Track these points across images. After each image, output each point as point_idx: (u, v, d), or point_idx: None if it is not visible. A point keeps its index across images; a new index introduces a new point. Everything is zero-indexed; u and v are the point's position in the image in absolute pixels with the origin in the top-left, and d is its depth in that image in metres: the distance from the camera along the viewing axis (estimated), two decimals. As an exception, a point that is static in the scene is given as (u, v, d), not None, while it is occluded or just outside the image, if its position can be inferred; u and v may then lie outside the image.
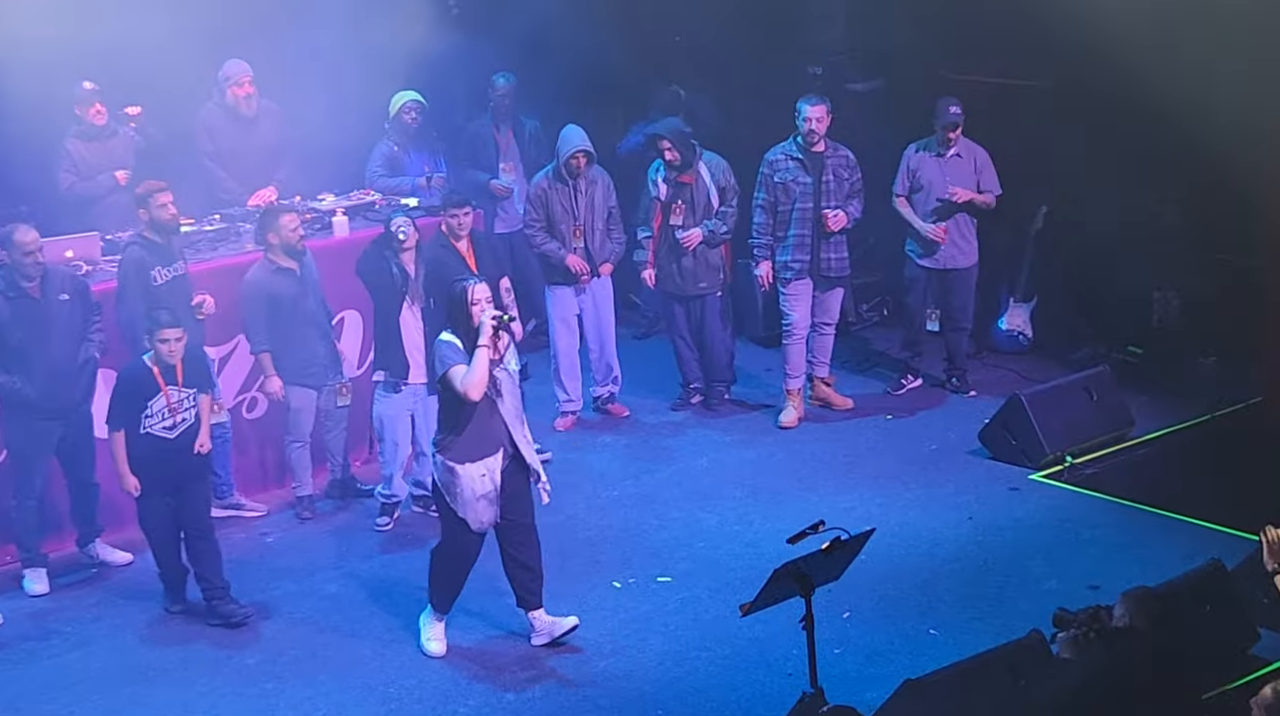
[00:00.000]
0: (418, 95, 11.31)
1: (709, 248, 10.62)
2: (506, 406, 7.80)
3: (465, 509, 7.80)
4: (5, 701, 7.85)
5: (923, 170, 10.79)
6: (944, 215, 10.74)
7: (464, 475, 7.76)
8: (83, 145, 10.50)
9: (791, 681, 7.46)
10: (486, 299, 7.77)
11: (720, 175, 10.58)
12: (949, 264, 10.86)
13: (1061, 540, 9.03)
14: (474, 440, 7.76)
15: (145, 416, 8.25)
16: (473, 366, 7.64)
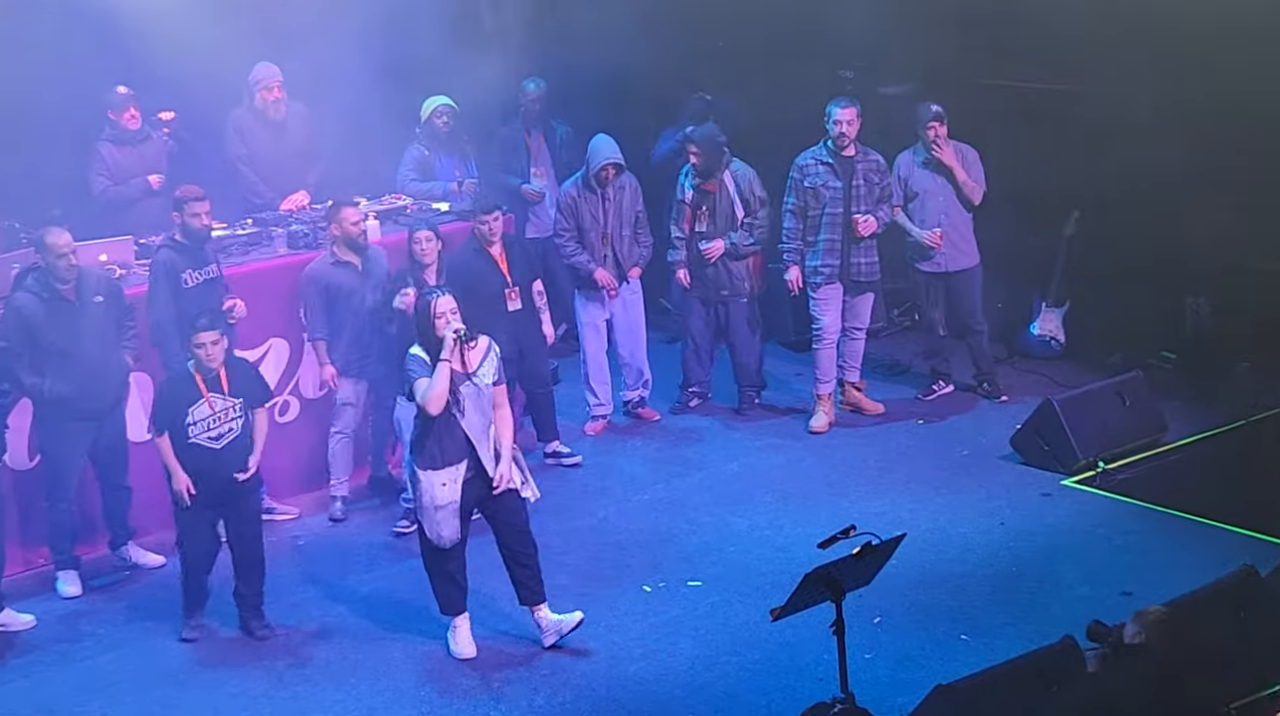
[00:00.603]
0: (449, 100, 11.34)
1: (732, 259, 10.60)
2: (469, 420, 7.81)
3: (423, 516, 7.87)
4: (38, 703, 7.89)
5: (913, 178, 10.78)
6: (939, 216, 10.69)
7: (425, 482, 7.81)
8: (116, 149, 10.57)
9: (822, 686, 7.43)
10: (451, 311, 7.78)
11: (745, 186, 10.55)
12: (950, 266, 10.84)
13: (1094, 546, 8.99)
14: (437, 448, 7.80)
15: (189, 425, 8.16)
16: (433, 380, 7.70)
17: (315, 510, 9.81)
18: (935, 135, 10.64)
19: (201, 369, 8.20)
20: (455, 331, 7.70)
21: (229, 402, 8.26)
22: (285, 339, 9.87)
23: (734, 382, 11.02)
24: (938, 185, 10.73)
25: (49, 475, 8.82)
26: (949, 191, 10.72)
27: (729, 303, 10.74)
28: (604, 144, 10.44)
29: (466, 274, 9.78)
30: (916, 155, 10.79)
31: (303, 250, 9.95)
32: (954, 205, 10.75)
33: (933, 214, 10.75)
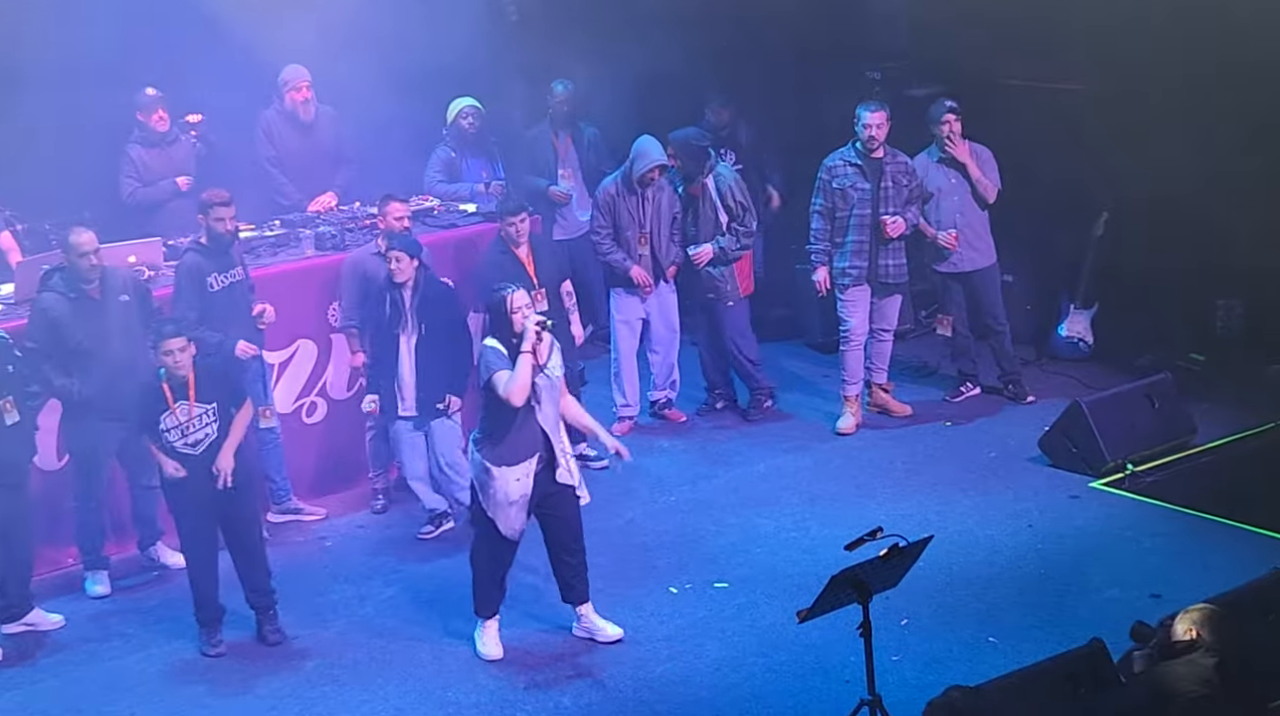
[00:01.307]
0: (475, 101, 11.36)
1: (719, 265, 10.58)
2: (544, 412, 7.84)
3: (496, 511, 7.85)
4: (67, 702, 7.93)
5: (929, 178, 10.75)
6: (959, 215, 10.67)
7: (499, 477, 7.81)
8: (145, 151, 10.62)
9: (849, 688, 7.43)
10: (526, 305, 7.81)
11: (727, 192, 10.52)
12: (967, 266, 10.82)
13: (1122, 548, 8.95)
14: (512, 443, 7.81)
15: (163, 432, 8.09)
16: (515, 372, 7.70)
17: (343, 511, 9.83)
18: (949, 131, 10.62)
19: (170, 377, 8.08)
20: (538, 322, 7.71)
21: (199, 409, 8.12)
22: (313, 340, 9.90)
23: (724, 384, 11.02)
24: (952, 184, 10.71)
25: (77, 475, 8.86)
26: (964, 190, 10.70)
27: (714, 306, 10.73)
28: (651, 146, 10.41)
29: (493, 275, 9.78)
30: (931, 154, 10.76)
31: (330, 252, 9.98)
32: (969, 204, 10.73)
33: (948, 213, 10.73)
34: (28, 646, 8.42)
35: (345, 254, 9.85)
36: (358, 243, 10.03)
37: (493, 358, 7.80)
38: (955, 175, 10.72)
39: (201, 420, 8.14)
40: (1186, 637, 6.06)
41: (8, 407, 8.19)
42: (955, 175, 10.72)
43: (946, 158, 10.70)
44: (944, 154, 10.70)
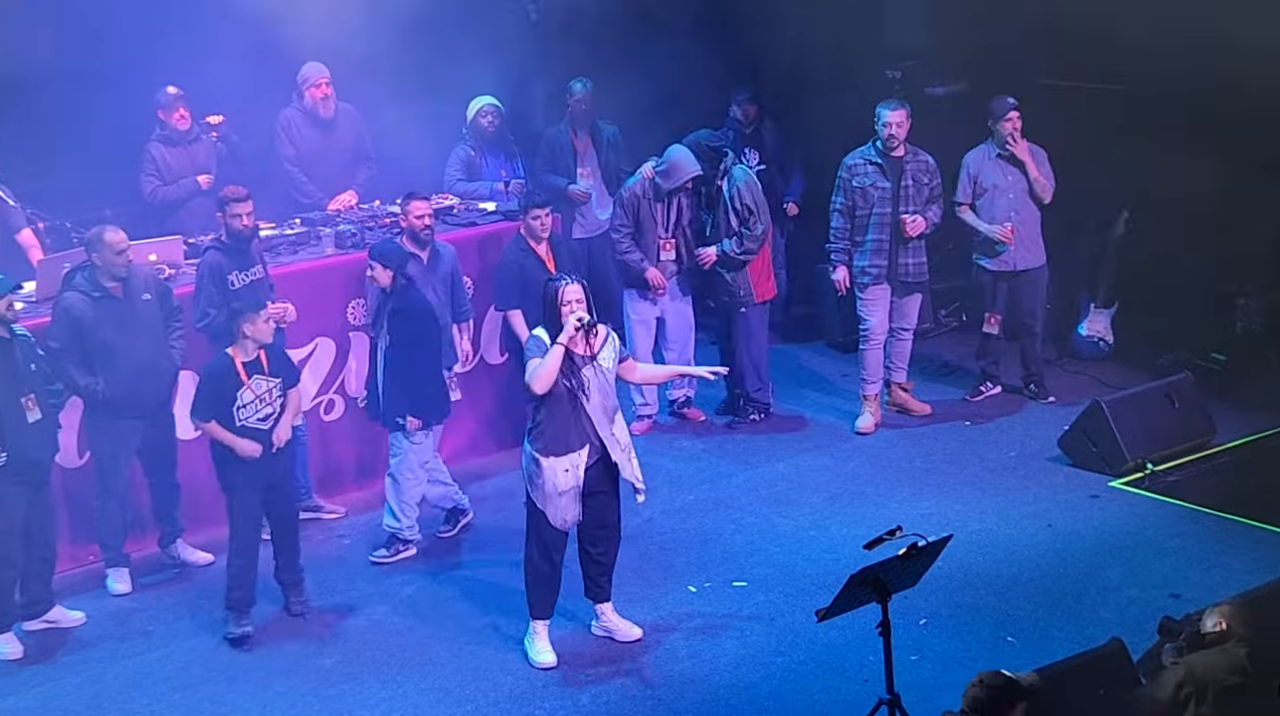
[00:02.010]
0: (494, 100, 11.37)
1: (723, 268, 10.58)
2: (593, 404, 7.83)
3: (546, 502, 7.85)
4: (88, 699, 7.96)
5: (984, 174, 10.71)
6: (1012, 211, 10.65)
7: (547, 468, 7.81)
8: (166, 150, 10.64)
9: (867, 688, 7.42)
10: (577, 300, 7.81)
11: (738, 195, 10.48)
12: (1018, 265, 10.78)
13: (1142, 548, 8.94)
14: (560, 434, 7.81)
15: (238, 409, 8.30)
16: (544, 360, 7.72)
17: (361, 509, 9.84)
18: (1012, 129, 10.57)
19: (245, 352, 8.30)
20: (579, 319, 7.73)
21: (271, 383, 8.40)
22: (332, 338, 9.92)
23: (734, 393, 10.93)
24: (1008, 182, 10.67)
25: (98, 473, 8.88)
26: (1020, 188, 10.65)
27: (728, 309, 10.73)
28: (685, 157, 10.34)
29: (513, 273, 9.81)
30: (989, 150, 10.72)
31: (350, 250, 9.99)
32: (1025, 202, 10.68)
33: (1002, 210, 10.68)
34: (49, 643, 8.45)
35: (366, 252, 9.85)
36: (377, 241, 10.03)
37: (534, 346, 7.84)
38: (1012, 173, 10.65)
39: (272, 394, 8.41)
40: (1217, 630, 6.07)
41: (30, 405, 8.22)
42: (1012, 173, 10.65)
43: (1005, 154, 10.65)
44: (1002, 150, 10.66)
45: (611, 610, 8.21)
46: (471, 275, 10.29)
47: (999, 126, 10.63)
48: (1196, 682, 5.84)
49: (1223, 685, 5.83)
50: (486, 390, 10.50)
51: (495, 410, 10.50)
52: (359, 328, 9.87)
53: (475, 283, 10.31)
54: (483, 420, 10.55)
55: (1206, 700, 5.84)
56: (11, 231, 9.88)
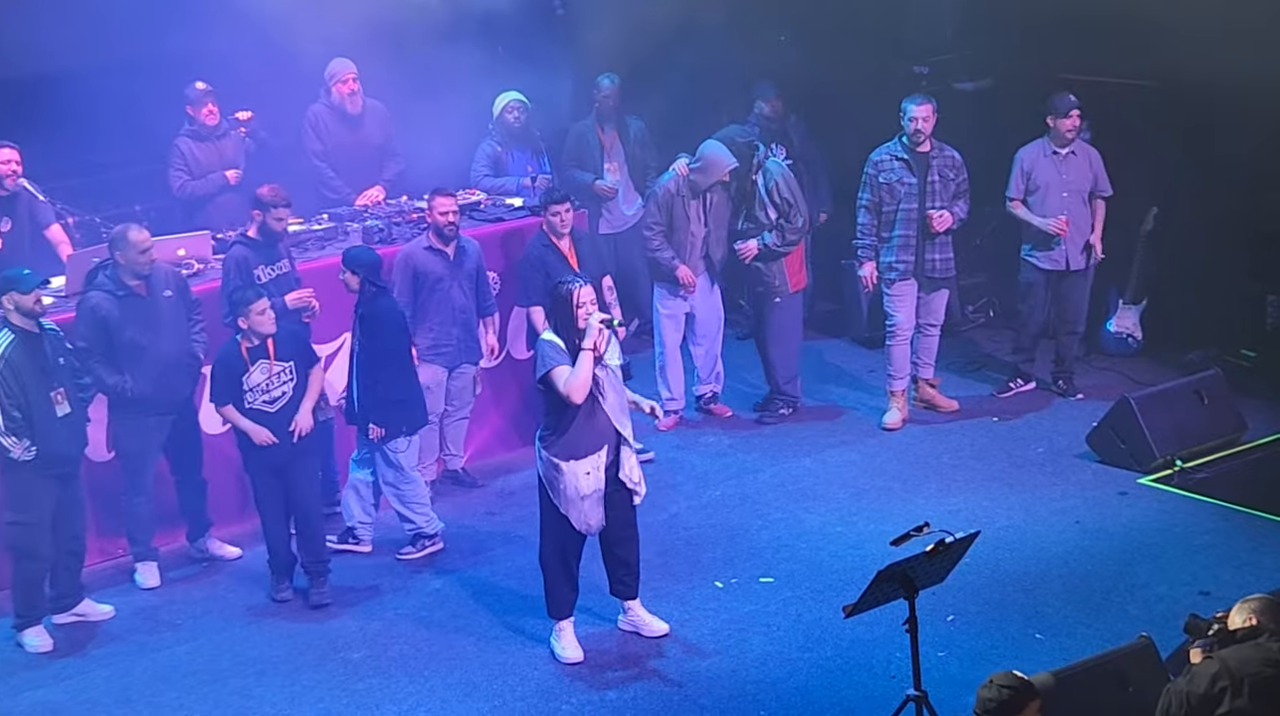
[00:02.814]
0: (520, 95, 11.37)
1: (763, 261, 10.58)
2: (610, 403, 7.82)
3: (569, 507, 7.83)
4: (117, 692, 7.99)
5: (1038, 170, 10.65)
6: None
7: (569, 472, 7.79)
8: (195, 145, 10.67)
9: (895, 684, 7.42)
10: (592, 301, 7.78)
11: (776, 188, 10.48)
12: (1070, 265, 10.70)
13: (1171, 545, 8.90)
14: (580, 437, 7.79)
15: (245, 392, 8.48)
16: (576, 369, 7.67)
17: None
18: (1072, 126, 10.51)
19: (250, 338, 8.47)
20: (603, 319, 7.70)
21: (278, 367, 8.54)
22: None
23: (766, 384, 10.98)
24: (1062, 180, 10.61)
25: (125, 469, 8.91)
26: (1073, 187, 10.60)
27: (763, 301, 10.72)
28: (722, 152, 10.35)
29: (536, 269, 9.82)
30: (1045, 147, 10.68)
31: (378, 245, 10.00)
32: (1077, 202, 10.62)
33: (1053, 209, 10.60)
34: (78, 637, 8.49)
35: (393, 248, 9.89)
36: (405, 236, 10.08)
37: (550, 352, 7.76)
38: (1066, 171, 10.60)
39: (280, 377, 8.55)
40: (1246, 625, 6.04)
41: (59, 399, 8.26)
42: (1066, 171, 10.60)
43: (1061, 152, 10.58)
44: (1059, 148, 10.62)
45: (638, 605, 8.21)
46: (497, 271, 10.30)
47: (1058, 123, 10.56)
48: (1232, 676, 5.81)
49: (1259, 678, 5.81)
50: (512, 386, 10.51)
51: (521, 405, 10.50)
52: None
53: (501, 278, 10.32)
54: (508, 415, 10.56)
55: (1242, 694, 5.82)
56: (41, 227, 9.92)
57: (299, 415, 8.59)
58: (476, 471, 10.16)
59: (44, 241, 9.90)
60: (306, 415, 8.62)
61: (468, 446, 10.22)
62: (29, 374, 8.16)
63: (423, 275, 9.59)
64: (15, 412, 8.10)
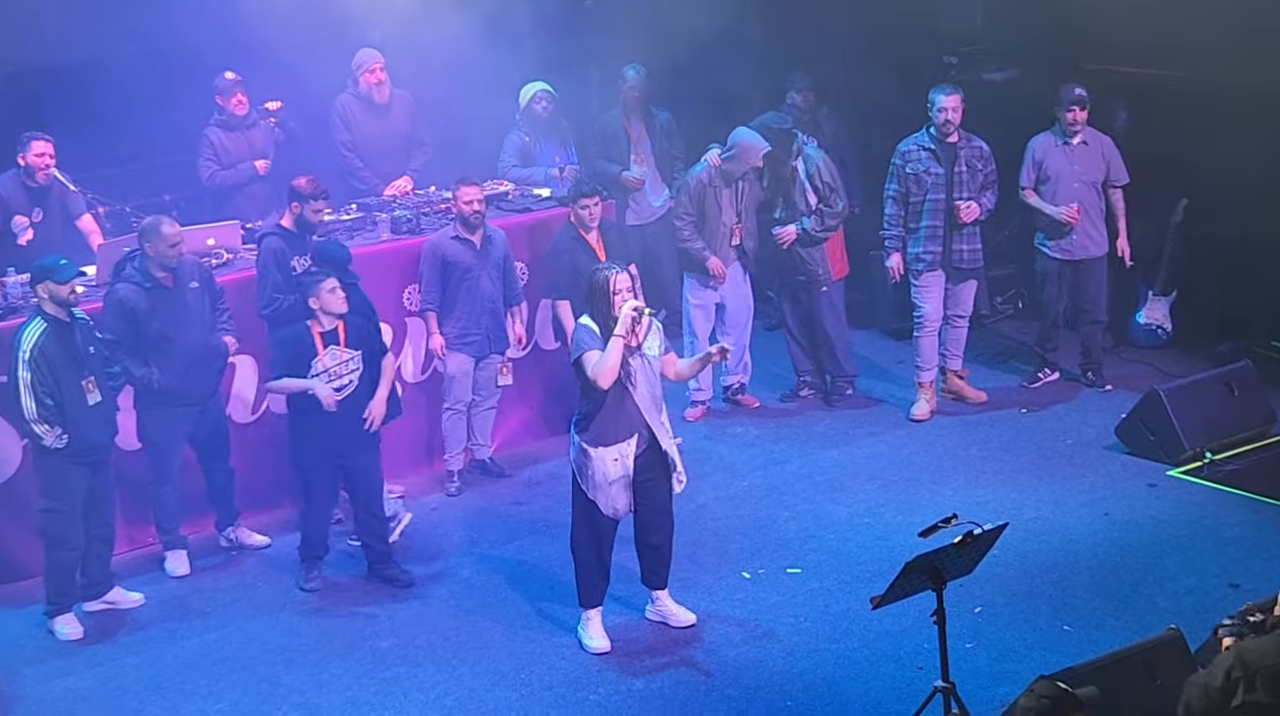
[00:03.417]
0: (547, 85, 11.38)
1: (803, 246, 10.56)
2: (640, 393, 7.82)
3: (596, 492, 7.86)
4: (147, 680, 8.03)
5: (1049, 160, 10.64)
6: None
7: (596, 458, 7.81)
8: (224, 134, 10.71)
9: (922, 675, 7.41)
10: (628, 289, 7.80)
11: (817, 173, 10.48)
12: (1081, 253, 10.71)
13: (1200, 537, 8.87)
14: (608, 424, 7.80)
15: (313, 377, 8.48)
16: (605, 354, 7.69)
17: (417, 492, 9.89)
18: (1074, 119, 10.51)
19: (321, 321, 8.46)
20: (635, 308, 7.70)
21: (347, 354, 8.56)
22: (388, 323, 9.95)
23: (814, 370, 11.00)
24: (1073, 170, 10.60)
25: (153, 459, 8.94)
26: (1084, 177, 10.59)
27: (808, 289, 10.71)
28: (754, 138, 10.35)
29: (563, 260, 9.82)
30: (1054, 138, 10.66)
31: (406, 235, 10.04)
32: (1088, 191, 10.61)
33: (1064, 198, 10.60)
34: (109, 624, 8.54)
35: (421, 238, 9.92)
36: (433, 226, 10.10)
37: (584, 336, 7.80)
38: (1076, 160, 10.59)
39: (348, 366, 8.58)
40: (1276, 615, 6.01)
41: (90, 388, 8.30)
42: (1076, 160, 10.59)
43: (1070, 142, 10.57)
44: (1067, 138, 10.60)
45: (667, 596, 8.22)
46: (525, 261, 10.32)
47: (1060, 115, 10.55)
48: (1246, 668, 5.78)
49: (1274, 670, 5.77)
50: (539, 376, 10.53)
51: (548, 396, 10.52)
52: (414, 313, 9.91)
53: (529, 268, 10.34)
54: (536, 406, 10.58)
55: (1256, 686, 5.78)
56: (72, 217, 9.98)
57: (373, 403, 8.63)
58: (504, 461, 10.19)
59: (75, 231, 9.96)
60: (381, 403, 8.67)
61: (495, 436, 10.24)
62: (60, 362, 8.20)
63: (450, 265, 9.62)
64: (48, 400, 8.14)
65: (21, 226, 9.72)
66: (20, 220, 9.73)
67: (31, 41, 10.67)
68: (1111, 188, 10.69)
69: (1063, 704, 5.46)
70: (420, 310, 9.81)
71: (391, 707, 7.69)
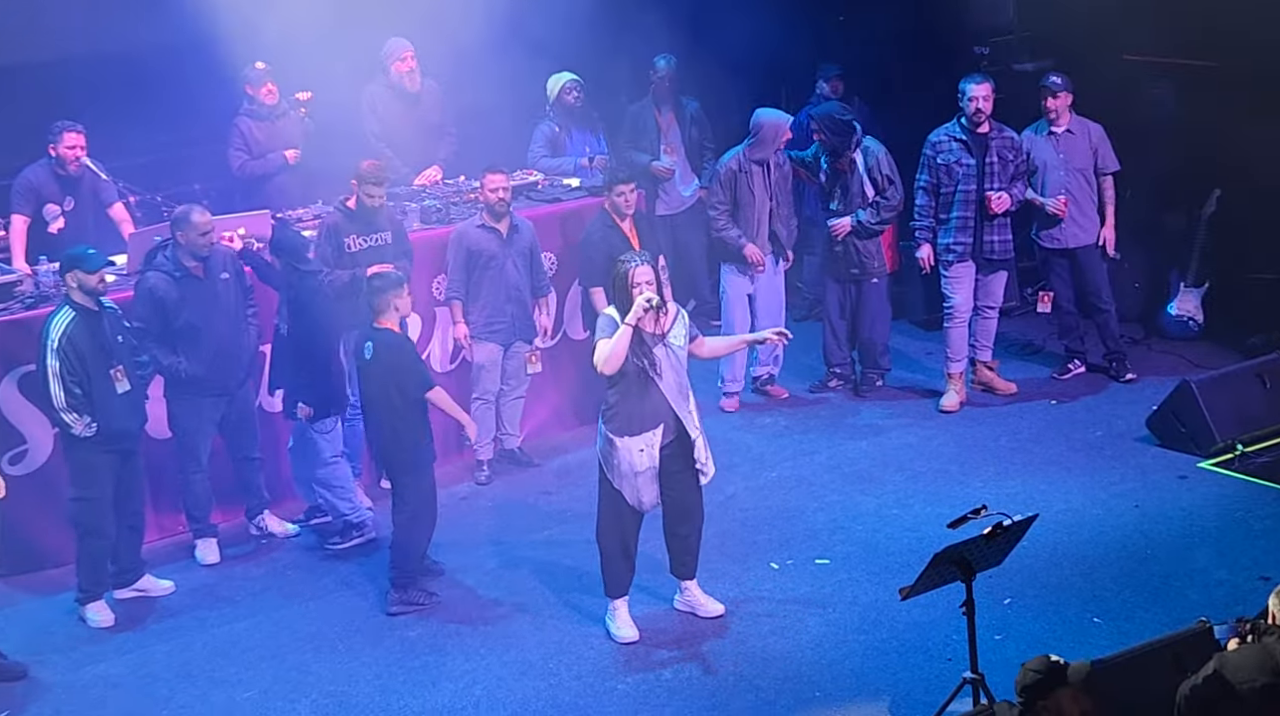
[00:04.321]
0: (575, 75, 11.37)
1: (859, 238, 10.54)
2: (666, 383, 7.81)
3: (622, 482, 7.85)
4: (177, 667, 8.07)
5: (1035, 151, 10.62)
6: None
7: (622, 448, 7.81)
8: (254, 124, 10.73)
9: (951, 667, 7.39)
10: (648, 282, 7.78)
11: (874, 164, 10.46)
12: (1073, 242, 10.69)
13: (1231, 530, 8.83)
14: (634, 414, 7.79)
15: None
16: (611, 341, 7.70)
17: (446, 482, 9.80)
18: (1050, 108, 10.51)
19: (393, 324, 8.47)
20: (647, 299, 7.70)
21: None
22: (417, 313, 9.97)
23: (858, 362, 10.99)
24: (1059, 159, 10.58)
25: (181, 448, 8.97)
26: (1070, 165, 10.58)
27: (860, 282, 10.69)
28: (773, 114, 10.42)
29: (598, 248, 9.82)
30: (1039, 129, 10.64)
31: (435, 225, 10.05)
32: (1075, 180, 10.59)
33: (1053, 188, 10.60)
34: (139, 612, 8.58)
35: (450, 227, 9.93)
36: (462, 216, 10.11)
37: (604, 325, 7.83)
38: (1062, 150, 10.59)
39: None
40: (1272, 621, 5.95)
41: (119, 376, 8.33)
42: (1062, 150, 10.59)
43: (1054, 132, 10.57)
44: (1048, 128, 10.58)
45: (695, 586, 8.21)
46: (554, 251, 10.32)
47: (1042, 104, 10.53)
48: (1223, 680, 5.74)
49: (1251, 686, 5.71)
50: (569, 366, 10.53)
51: (578, 385, 10.51)
52: (443, 303, 9.92)
53: (558, 258, 10.34)
54: (565, 395, 10.59)
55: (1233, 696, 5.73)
56: (104, 205, 10.02)
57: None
58: (532, 451, 10.20)
59: (107, 220, 9.99)
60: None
61: (524, 426, 10.25)
62: (89, 351, 8.23)
63: (475, 253, 9.63)
64: (76, 389, 8.18)
65: (53, 214, 9.76)
66: (52, 208, 9.78)
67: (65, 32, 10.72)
68: (1101, 175, 10.64)
69: (1050, 677, 5.60)
70: (445, 299, 9.82)
71: (420, 696, 7.71)
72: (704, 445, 7.98)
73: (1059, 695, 5.57)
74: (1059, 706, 5.55)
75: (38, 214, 9.75)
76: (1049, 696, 5.58)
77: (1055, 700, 5.56)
